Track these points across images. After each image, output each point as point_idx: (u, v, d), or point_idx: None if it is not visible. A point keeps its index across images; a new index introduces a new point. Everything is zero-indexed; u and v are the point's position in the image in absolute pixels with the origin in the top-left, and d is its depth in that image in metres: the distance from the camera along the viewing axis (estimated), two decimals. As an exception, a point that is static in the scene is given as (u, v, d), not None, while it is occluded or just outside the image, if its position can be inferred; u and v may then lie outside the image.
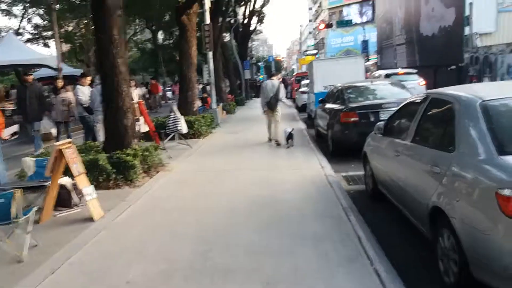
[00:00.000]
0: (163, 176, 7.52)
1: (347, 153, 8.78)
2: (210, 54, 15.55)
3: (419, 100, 4.73)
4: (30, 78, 9.11)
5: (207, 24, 15.05)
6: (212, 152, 10.07)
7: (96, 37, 7.18)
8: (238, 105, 25.46)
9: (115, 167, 6.67)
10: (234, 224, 4.81)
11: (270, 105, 10.59)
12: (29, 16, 32.62)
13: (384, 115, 8.28)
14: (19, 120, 9.72)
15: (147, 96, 25.58)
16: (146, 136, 10.85)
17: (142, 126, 10.03)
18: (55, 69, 17.19)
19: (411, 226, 4.26)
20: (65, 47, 40.48)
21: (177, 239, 4.42)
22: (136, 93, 10.21)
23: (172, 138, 10.81)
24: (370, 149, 5.98)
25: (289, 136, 10.09)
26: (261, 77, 52.86)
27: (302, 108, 20.79)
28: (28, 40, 34.98)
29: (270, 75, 12.17)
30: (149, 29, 38.41)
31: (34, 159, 6.02)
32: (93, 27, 7.22)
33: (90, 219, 5.16)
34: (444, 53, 22.13)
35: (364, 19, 54.72)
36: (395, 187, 4.76)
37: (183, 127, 10.29)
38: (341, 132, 8.77)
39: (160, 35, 40.76)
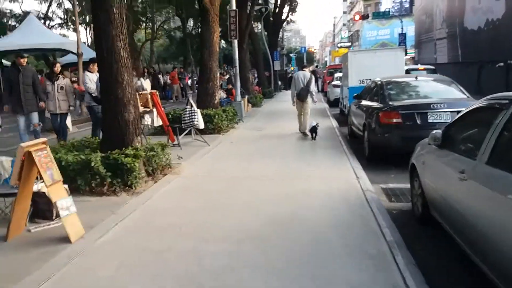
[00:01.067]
0: (169, 180, 6.45)
1: (385, 159, 7.58)
2: (235, 42, 14.43)
3: (496, 106, 3.47)
4: (24, 60, 8.05)
5: (233, 10, 13.94)
6: (230, 152, 8.95)
7: (93, 15, 6.13)
8: (265, 98, 24.33)
9: (111, 169, 5.66)
10: (238, 258, 3.68)
11: (301, 96, 10.64)
12: (59, 1, 32.33)
13: (433, 117, 7.02)
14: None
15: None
16: (160, 130, 9.95)
17: (155, 120, 9.05)
18: (75, 54, 16.51)
19: (480, 273, 3.05)
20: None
21: (160, 282, 3.32)
22: (148, 83, 9.17)
23: (189, 133, 9.82)
24: (421, 162, 4.73)
25: (313, 130, 10.00)
26: (292, 68, 51.61)
27: (334, 103, 19.50)
28: (59, 25, 34.84)
29: (302, 67, 12.15)
30: (178, 17, 37.56)
31: (11, 159, 5.06)
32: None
33: (68, 239, 4.16)
34: (491, 49, 20.30)
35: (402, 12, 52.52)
36: (458, 219, 3.53)
37: (200, 122, 9.24)
38: (380, 135, 7.52)
39: (190, 23, 39.90)
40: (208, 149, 8.96)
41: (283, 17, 31.92)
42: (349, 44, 69.05)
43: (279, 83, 34.77)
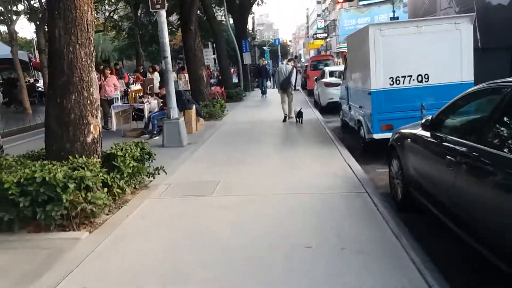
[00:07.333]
0: None
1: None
2: (163, 15, 8.01)
3: None
4: None
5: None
6: None
7: None
8: (231, 101, 17.95)
9: None
10: None
11: (283, 86, 11.59)
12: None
13: None
14: None
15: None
16: None
17: None
18: None
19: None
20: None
21: None
22: None
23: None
24: None
25: (299, 115, 11.07)
26: (266, 62, 46.02)
27: (328, 109, 13.40)
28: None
29: (288, 60, 12.94)
30: (127, 3, 30.59)
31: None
32: None
33: None
34: (532, 28, 14.49)
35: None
36: None
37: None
38: None
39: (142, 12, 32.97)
40: None
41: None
42: (326, 35, 64.26)
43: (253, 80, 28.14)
